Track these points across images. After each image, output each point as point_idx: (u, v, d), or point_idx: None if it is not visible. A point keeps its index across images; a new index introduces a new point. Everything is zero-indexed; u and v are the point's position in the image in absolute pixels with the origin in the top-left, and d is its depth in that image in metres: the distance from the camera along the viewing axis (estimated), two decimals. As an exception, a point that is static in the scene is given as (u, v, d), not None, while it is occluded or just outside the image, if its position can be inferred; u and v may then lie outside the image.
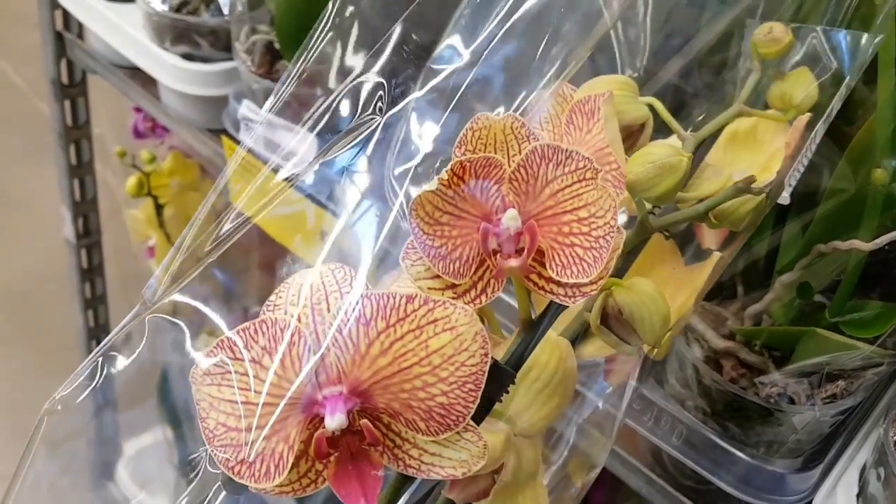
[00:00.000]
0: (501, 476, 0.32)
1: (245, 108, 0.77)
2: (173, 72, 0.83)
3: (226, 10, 0.80)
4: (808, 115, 0.38)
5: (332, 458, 0.26)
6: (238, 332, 0.26)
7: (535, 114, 0.37)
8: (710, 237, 0.41)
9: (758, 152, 0.41)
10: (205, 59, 0.84)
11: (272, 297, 0.27)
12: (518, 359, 0.31)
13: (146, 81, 0.90)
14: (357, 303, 0.26)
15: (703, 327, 0.51)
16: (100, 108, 1.13)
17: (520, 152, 0.30)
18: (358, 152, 0.30)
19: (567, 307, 0.31)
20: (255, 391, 0.26)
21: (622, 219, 0.36)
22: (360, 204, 0.30)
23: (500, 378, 0.29)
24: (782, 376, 0.48)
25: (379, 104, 0.31)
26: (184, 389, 0.27)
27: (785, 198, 0.39)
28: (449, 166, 0.28)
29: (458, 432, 0.27)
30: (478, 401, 0.27)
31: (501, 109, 0.33)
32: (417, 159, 0.30)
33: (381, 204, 0.29)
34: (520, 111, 0.35)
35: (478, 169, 0.28)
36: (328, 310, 0.26)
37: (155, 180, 1.12)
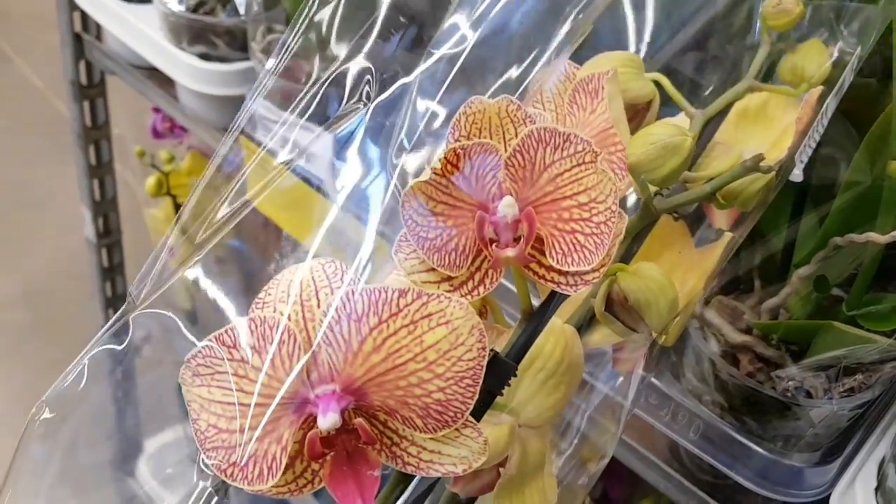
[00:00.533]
0: (506, 469, 0.31)
1: (262, 108, 0.77)
2: (190, 72, 0.84)
3: (242, 11, 0.82)
4: (821, 88, 0.37)
5: (327, 458, 0.26)
6: (227, 332, 0.25)
7: (535, 93, 0.36)
8: (721, 218, 0.39)
9: (769, 129, 0.39)
10: (221, 59, 0.84)
11: (261, 295, 0.26)
12: (519, 350, 0.30)
13: (164, 82, 0.91)
14: (348, 298, 0.25)
15: (720, 322, 0.50)
16: (118, 109, 1.15)
17: (516, 136, 0.29)
18: (347, 139, 0.29)
19: (569, 295, 0.30)
20: (245, 392, 0.25)
21: (631, 201, 0.35)
22: (351, 193, 0.29)
23: (500, 371, 0.28)
24: (799, 370, 0.47)
25: (367, 90, 0.30)
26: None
27: (797, 174, 0.38)
28: (442, 153, 0.27)
29: (457, 428, 0.26)
30: (476, 396, 0.26)
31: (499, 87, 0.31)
32: (410, 144, 0.29)
33: (374, 192, 0.28)
34: (520, 90, 0.33)
35: (472, 155, 0.27)
36: (318, 306, 0.26)
37: (174, 180, 1.13)
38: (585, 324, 0.35)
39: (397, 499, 0.28)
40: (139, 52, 0.90)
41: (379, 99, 0.29)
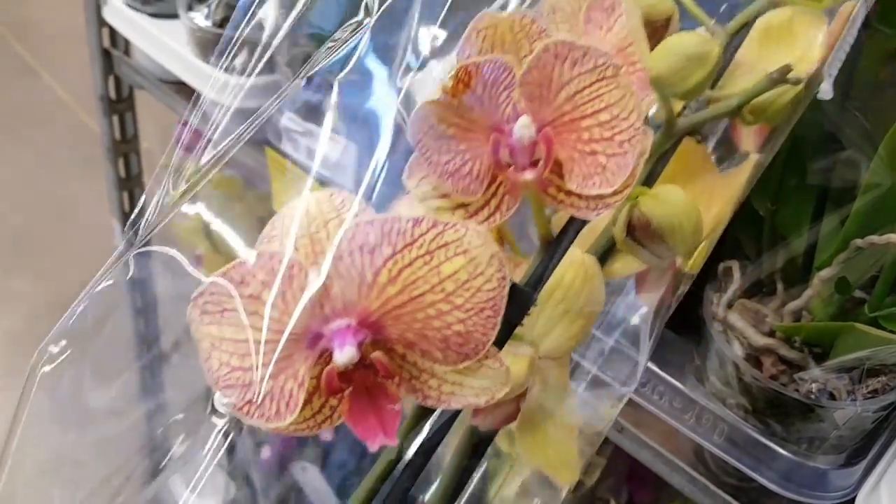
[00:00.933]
0: (526, 401, 0.31)
1: (287, 120, 0.76)
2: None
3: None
4: (853, 1, 0.35)
5: (346, 394, 0.25)
6: (233, 268, 0.24)
7: (549, 15, 0.34)
8: (748, 139, 0.38)
9: (794, 46, 0.37)
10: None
11: (267, 229, 0.25)
12: (538, 279, 0.29)
13: (191, 95, 0.92)
14: (358, 229, 0.24)
15: (744, 325, 0.50)
16: (147, 123, 1.17)
17: (531, 52, 0.27)
18: (346, 63, 0.28)
19: (588, 221, 0.29)
20: (256, 328, 0.24)
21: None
22: (354, 118, 0.27)
23: (519, 300, 0.27)
24: (823, 372, 0.47)
25: (366, 4, 0.28)
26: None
27: (826, 90, 0.36)
28: (453, 72, 0.25)
29: (478, 359, 0.25)
30: (497, 327, 0.25)
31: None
32: (416, 64, 0.27)
33: (378, 119, 0.27)
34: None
35: (485, 73, 0.26)
36: (328, 238, 0.24)
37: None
38: (606, 253, 0.34)
39: (419, 432, 0.27)
40: (167, 67, 0.92)
41: (376, 15, 0.27)
